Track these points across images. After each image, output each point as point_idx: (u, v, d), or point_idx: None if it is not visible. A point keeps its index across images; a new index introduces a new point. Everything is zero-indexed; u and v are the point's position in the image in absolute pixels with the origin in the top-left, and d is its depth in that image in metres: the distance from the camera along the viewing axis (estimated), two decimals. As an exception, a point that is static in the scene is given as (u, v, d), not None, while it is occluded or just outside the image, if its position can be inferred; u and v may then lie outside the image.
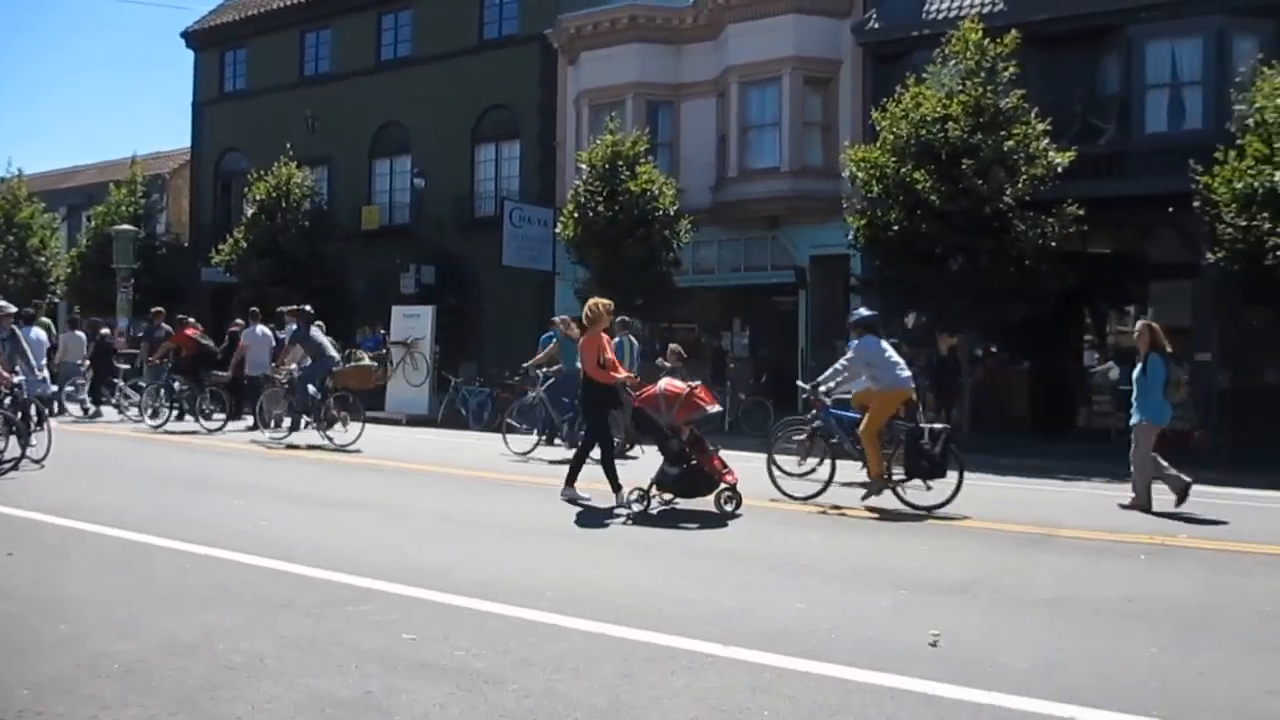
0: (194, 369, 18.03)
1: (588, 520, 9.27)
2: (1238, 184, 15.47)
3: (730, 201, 23.62)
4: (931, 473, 9.97)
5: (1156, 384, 10.50)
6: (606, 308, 10.34)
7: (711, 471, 9.65)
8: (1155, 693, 4.65)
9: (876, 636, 5.50)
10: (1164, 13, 19.43)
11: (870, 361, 10.37)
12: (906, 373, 10.55)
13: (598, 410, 10.17)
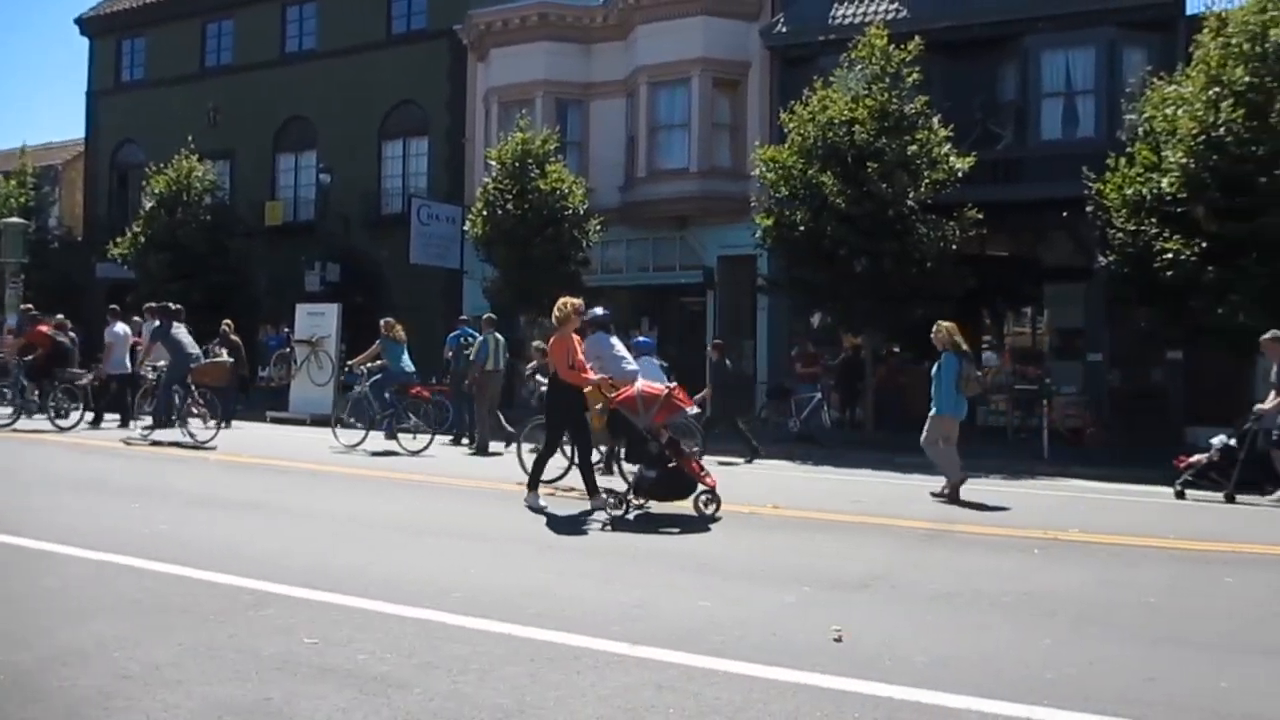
0: (48, 366, 17.46)
1: (491, 521, 9.24)
2: (1128, 190, 16.03)
3: (639, 201, 23.71)
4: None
5: (948, 380, 11.19)
6: (575, 307, 10.11)
7: (690, 474, 9.50)
8: (1048, 683, 4.79)
9: (781, 633, 5.57)
10: (1059, 24, 20.11)
11: (599, 355, 11.16)
12: (633, 366, 11.46)
13: (566, 412, 9.93)
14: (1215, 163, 14.81)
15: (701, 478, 9.49)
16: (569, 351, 9.81)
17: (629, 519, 9.16)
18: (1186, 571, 7.71)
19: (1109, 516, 10.48)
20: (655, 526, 9.00)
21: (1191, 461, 12.23)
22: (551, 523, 9.13)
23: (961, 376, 11.15)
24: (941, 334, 11.55)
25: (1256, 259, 14.50)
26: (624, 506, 9.29)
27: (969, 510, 10.59)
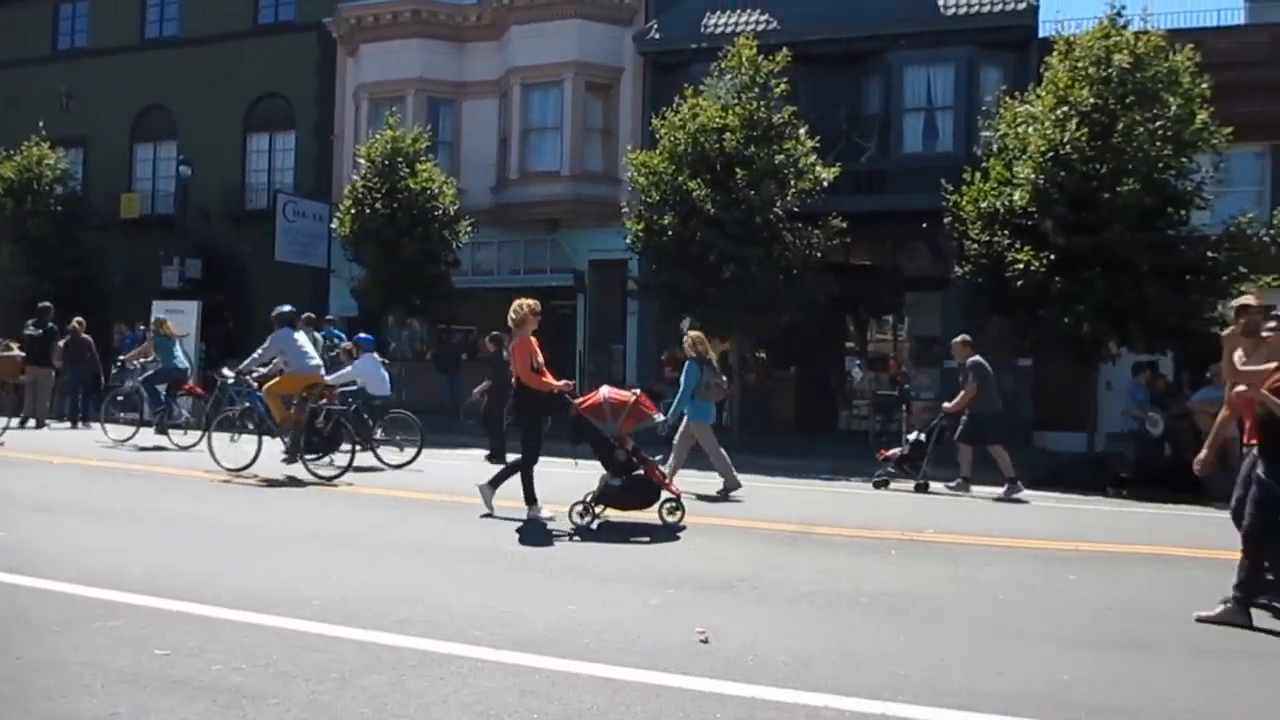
0: None
1: (351, 525, 9.10)
2: (982, 203, 16.67)
3: (511, 203, 23.61)
4: (323, 447, 12.11)
5: (690, 387, 11.67)
6: (532, 309, 9.87)
7: (655, 483, 9.37)
8: (902, 679, 4.96)
9: (646, 635, 5.63)
10: (920, 41, 20.81)
11: (283, 350, 12.11)
12: (316, 361, 12.40)
13: (531, 416, 9.72)
14: (1062, 179, 15.55)
15: (666, 485, 9.41)
16: (530, 355, 9.64)
17: (593, 529, 9.02)
18: (1033, 569, 8.05)
19: (963, 517, 10.86)
20: (519, 532, 8.98)
21: (889, 454, 13.38)
22: (412, 526, 9.04)
23: (702, 384, 11.59)
24: (688, 343, 12.06)
25: (1100, 271, 15.25)
26: (590, 516, 9.14)
27: (832, 512, 10.86)
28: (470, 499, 9.92)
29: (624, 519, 9.27)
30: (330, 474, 11.95)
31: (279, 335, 12.20)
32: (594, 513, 9.14)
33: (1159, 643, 5.93)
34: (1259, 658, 5.75)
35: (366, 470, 12.68)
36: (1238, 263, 15.46)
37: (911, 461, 13.24)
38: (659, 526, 9.17)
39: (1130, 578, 7.88)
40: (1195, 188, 15.94)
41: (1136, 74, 15.65)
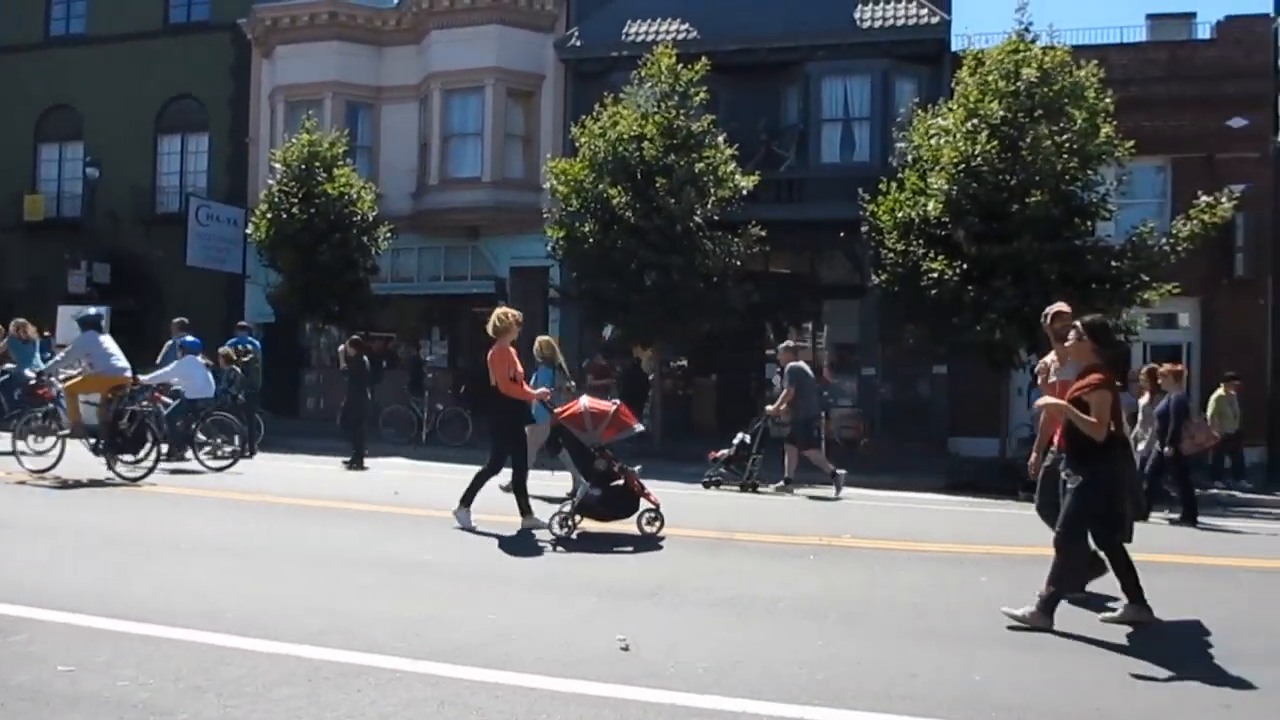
0: None
1: (262, 535, 8.96)
2: (898, 213, 16.97)
3: (431, 209, 23.43)
4: (128, 447, 12.19)
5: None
6: (516, 318, 9.84)
7: (635, 493, 9.27)
8: (819, 682, 5.04)
9: (566, 643, 5.63)
10: (837, 53, 21.15)
11: (88, 352, 12.41)
12: (122, 363, 12.46)
13: (510, 426, 9.64)
14: (974, 190, 15.91)
15: (645, 495, 9.33)
16: (509, 364, 9.58)
17: (572, 538, 8.97)
18: (946, 572, 8.22)
19: (880, 521, 11.05)
20: (439, 542, 8.91)
21: (717, 456, 13.90)
22: (331, 536, 8.92)
23: (555, 387, 11.89)
24: (538, 348, 12.33)
25: (1010, 280, 15.62)
26: (568, 527, 9.07)
27: (752, 518, 10.97)
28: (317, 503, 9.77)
29: (603, 529, 9.26)
30: (136, 474, 11.95)
31: (84, 338, 12.49)
32: (573, 523, 9.10)
33: (1068, 643, 6.10)
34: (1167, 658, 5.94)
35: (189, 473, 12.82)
36: (1139, 272, 15.96)
37: (738, 462, 13.75)
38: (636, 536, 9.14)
39: (1041, 580, 8.07)
40: (1100, 199, 16.43)
41: (1043, 88, 16.08)
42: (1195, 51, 21.35)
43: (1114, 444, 6.31)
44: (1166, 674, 5.49)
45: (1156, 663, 5.64)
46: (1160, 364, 13.42)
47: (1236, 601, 7.55)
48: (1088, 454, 6.32)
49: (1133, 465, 6.59)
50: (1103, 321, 6.60)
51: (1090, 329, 6.46)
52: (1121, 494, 6.34)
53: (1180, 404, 12.42)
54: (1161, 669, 5.55)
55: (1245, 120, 19.60)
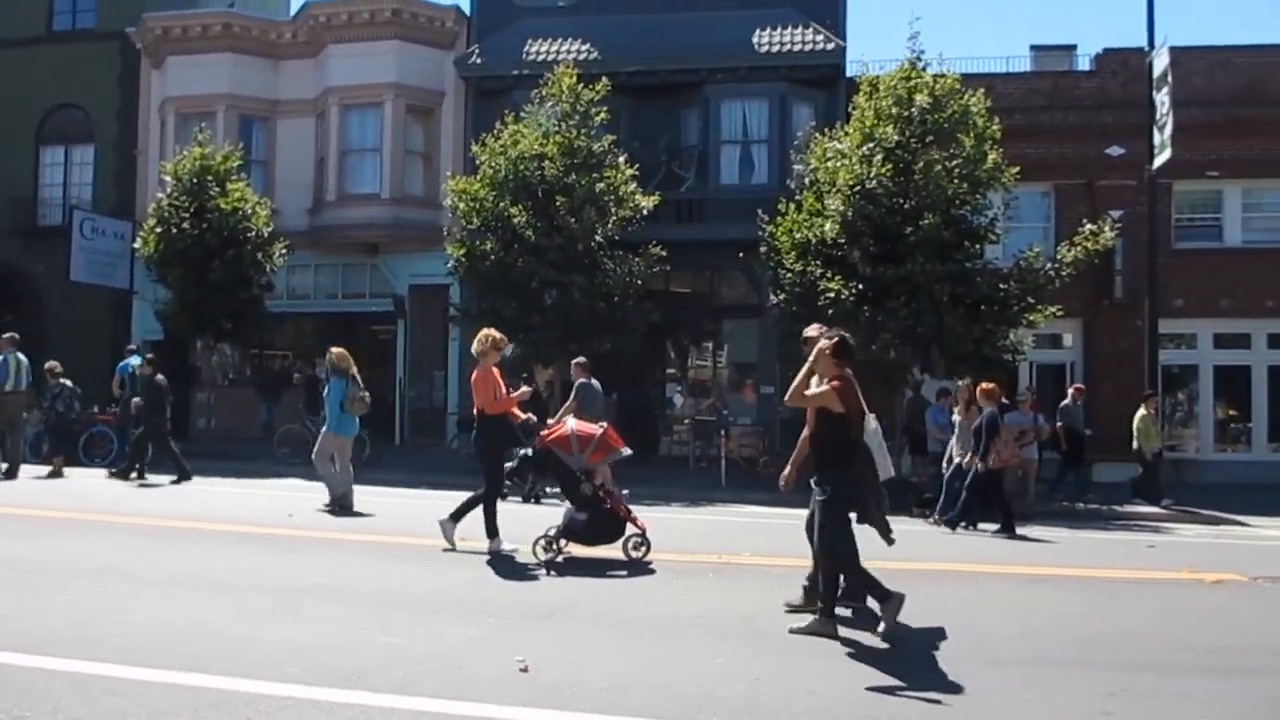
0: None
1: (149, 558, 8.71)
2: (796, 234, 17.25)
3: (328, 226, 23.07)
4: None
5: (335, 401, 12.36)
6: (495, 341, 9.63)
7: (621, 517, 9.17)
8: (718, 700, 5.09)
9: (465, 666, 5.58)
10: (736, 76, 21.49)
11: None
12: None
13: (494, 448, 9.51)
14: (869, 212, 16.27)
15: (631, 520, 9.24)
16: (493, 385, 9.41)
17: (558, 562, 8.88)
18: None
19: (778, 540, 11.17)
20: (332, 565, 8.76)
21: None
22: (222, 558, 8.70)
23: (348, 398, 12.18)
24: (330, 360, 12.59)
25: (904, 301, 16.01)
26: (553, 551, 8.96)
27: (651, 537, 10.97)
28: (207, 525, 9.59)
29: (589, 554, 9.18)
30: None
31: None
32: (558, 547, 9.01)
33: (956, 656, 6.26)
34: (1032, 664, 6.14)
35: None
36: (1026, 294, 16.49)
37: (519, 474, 13.79)
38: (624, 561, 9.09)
39: (932, 595, 8.27)
40: (989, 223, 16.96)
41: (934, 114, 16.55)
42: (1076, 82, 22.23)
43: (855, 453, 6.64)
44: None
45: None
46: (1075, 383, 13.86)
47: (971, 605, 7.84)
48: (831, 463, 6.66)
49: (874, 474, 6.91)
50: (843, 336, 6.90)
51: (832, 343, 6.79)
52: (863, 502, 6.60)
53: (992, 420, 12.93)
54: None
55: (1123, 149, 20.43)
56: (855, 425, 6.67)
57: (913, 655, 6.24)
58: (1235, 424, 21.51)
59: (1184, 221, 21.49)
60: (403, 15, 23.00)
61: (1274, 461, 20.59)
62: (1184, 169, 19.38)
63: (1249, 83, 21.11)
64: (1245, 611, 8.03)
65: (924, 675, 5.77)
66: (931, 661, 6.12)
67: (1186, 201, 21.52)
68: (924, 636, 6.74)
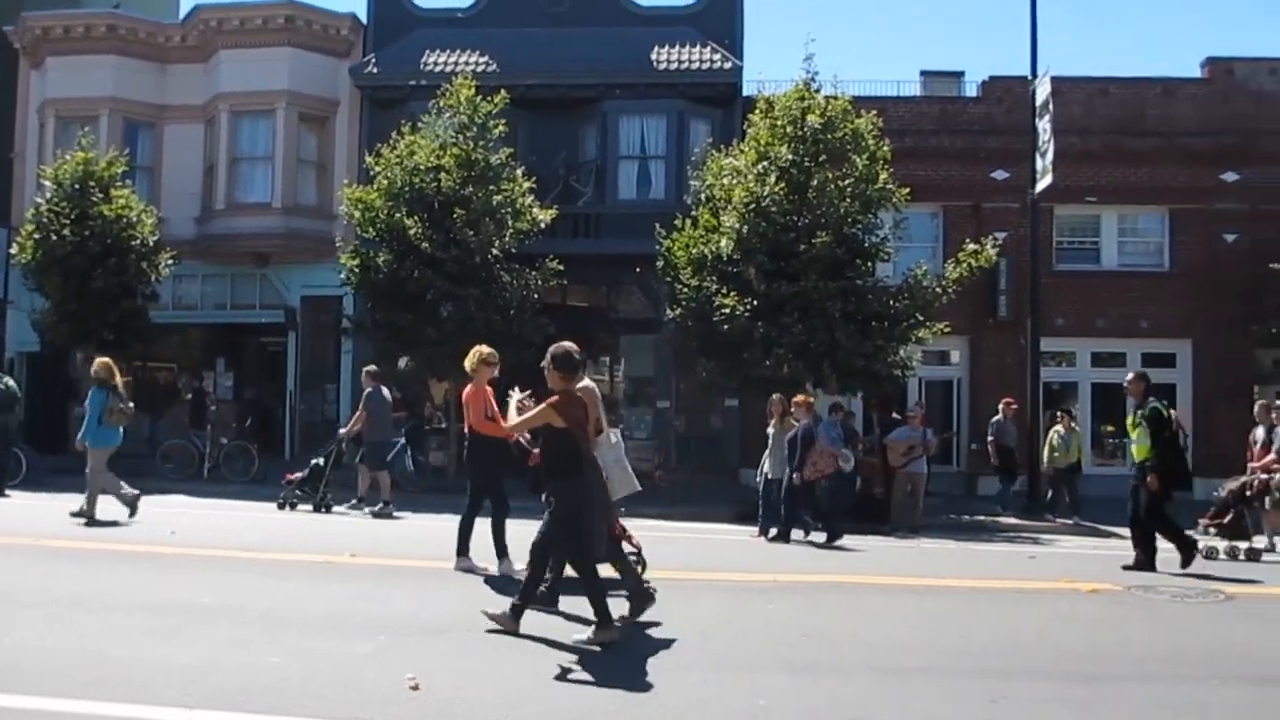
0: None
1: (23, 579, 8.32)
2: (692, 250, 17.45)
3: (217, 235, 22.51)
4: None
5: (95, 412, 12.32)
6: (485, 358, 9.42)
7: (615, 536, 8.81)
8: (611, 714, 5.11)
9: (354, 684, 5.48)
10: (634, 92, 21.66)
11: None
12: None
13: (488, 467, 9.26)
14: (764, 229, 16.55)
15: (626, 539, 8.95)
16: (485, 403, 9.19)
17: None
18: (734, 600, 8.46)
19: (673, 553, 11.21)
20: (218, 583, 8.52)
21: (292, 479, 14.58)
22: (103, 579, 8.40)
23: (107, 409, 12.18)
24: (96, 369, 12.53)
25: (797, 317, 16.29)
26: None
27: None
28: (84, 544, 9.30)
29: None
30: None
31: None
32: None
33: (846, 665, 6.38)
34: (918, 673, 6.29)
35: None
36: (915, 311, 16.94)
37: (311, 484, 14.40)
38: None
39: (821, 604, 8.43)
40: (879, 242, 17.38)
41: (827, 134, 16.93)
42: (963, 108, 22.96)
43: (582, 464, 6.77)
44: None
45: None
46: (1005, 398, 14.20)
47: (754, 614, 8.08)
48: (558, 473, 6.81)
49: (604, 489, 7.04)
50: (566, 351, 7.10)
51: (554, 359, 7.02)
52: (590, 513, 6.74)
53: (807, 433, 13.25)
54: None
55: (1007, 173, 21.13)
56: (580, 438, 6.82)
57: (793, 665, 6.33)
58: (1112, 439, 22.34)
59: (1064, 244, 22.31)
60: (297, 22, 22.61)
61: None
62: (1064, 194, 20.13)
63: (1125, 113, 22.06)
64: (1119, 619, 8.33)
65: (820, 685, 5.87)
66: (830, 670, 6.21)
67: (1067, 225, 22.36)
68: (818, 647, 6.84)
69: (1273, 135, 21.39)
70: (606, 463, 7.50)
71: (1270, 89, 22.06)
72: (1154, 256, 22.39)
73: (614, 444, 7.67)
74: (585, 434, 6.93)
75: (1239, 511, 12.52)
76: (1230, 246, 21.53)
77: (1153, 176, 21.62)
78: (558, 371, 6.96)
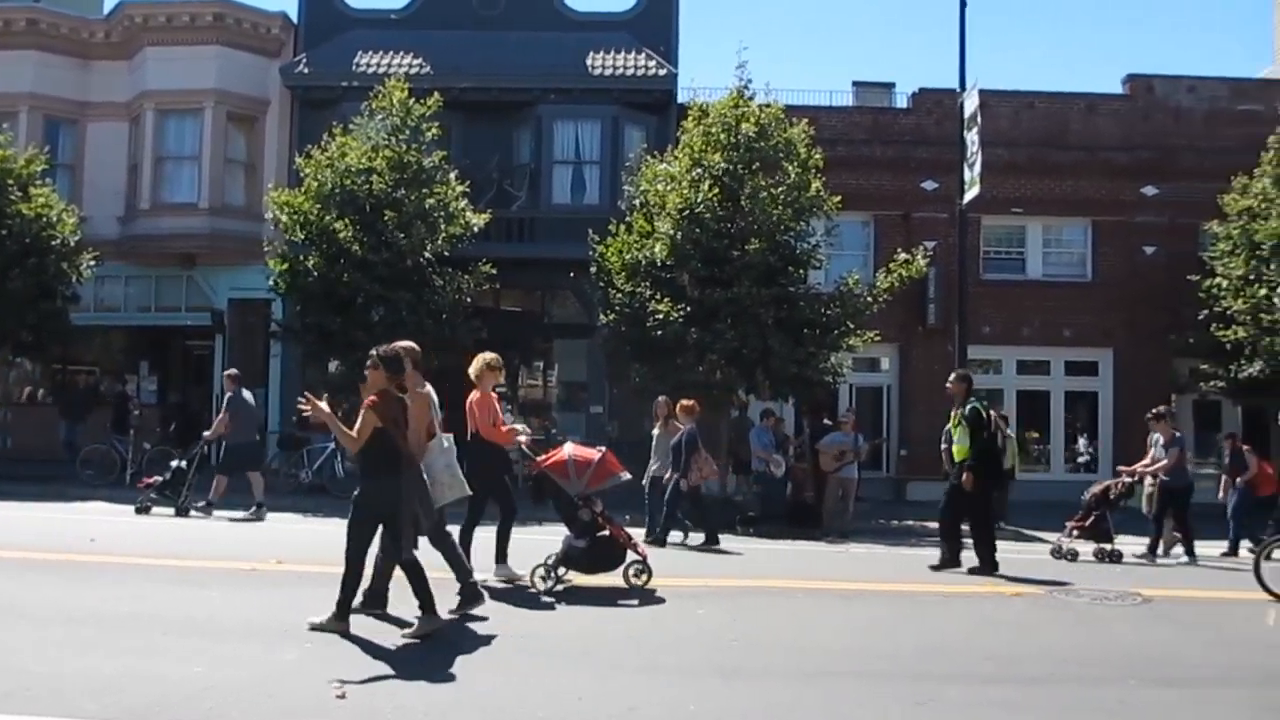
0: None
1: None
2: (626, 255, 17.45)
3: (142, 235, 22.01)
4: None
5: None
6: (489, 363, 9.24)
7: (621, 544, 8.88)
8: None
9: (278, 694, 5.40)
10: (568, 97, 21.62)
11: None
12: None
13: (493, 474, 9.05)
14: (697, 236, 16.60)
15: (632, 546, 8.99)
16: (490, 409, 9.04)
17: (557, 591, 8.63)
18: (666, 607, 8.46)
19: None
20: (133, 592, 8.33)
21: (150, 482, 14.50)
22: (17, 588, 8.15)
23: None
24: None
25: (730, 323, 16.37)
26: (552, 580, 8.69)
27: (474, 558, 10.87)
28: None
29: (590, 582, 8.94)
30: None
31: None
32: (556, 576, 8.77)
33: (777, 670, 6.41)
34: (847, 676, 6.35)
35: None
36: (846, 319, 17.11)
37: (172, 487, 14.29)
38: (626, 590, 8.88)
39: (754, 610, 8.47)
40: (811, 249, 17.52)
41: (761, 142, 17.04)
42: (894, 118, 23.29)
43: (399, 464, 6.86)
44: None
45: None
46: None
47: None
48: (372, 470, 6.89)
49: (423, 488, 7.12)
50: (394, 352, 7.19)
51: (382, 359, 7.05)
52: (406, 510, 6.82)
53: (692, 438, 13.38)
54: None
55: (936, 183, 21.47)
56: (398, 437, 6.88)
57: (726, 668, 6.35)
58: (1037, 445, 22.80)
59: (991, 254, 22.72)
60: (226, 20, 22.21)
61: (1070, 481, 21.87)
62: (991, 205, 20.49)
63: (1050, 127, 22.56)
64: (1042, 622, 8.50)
65: (750, 689, 5.89)
66: (760, 674, 6.24)
67: (994, 235, 22.78)
68: (749, 651, 6.87)
69: (1190, 151, 22.01)
70: (437, 467, 7.55)
71: (1188, 106, 22.71)
72: (1077, 267, 22.91)
73: (445, 449, 7.68)
74: (403, 434, 6.96)
75: (1100, 514, 12.92)
76: (1149, 258, 22.11)
77: (1076, 189, 22.13)
78: (383, 371, 6.98)
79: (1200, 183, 21.08)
